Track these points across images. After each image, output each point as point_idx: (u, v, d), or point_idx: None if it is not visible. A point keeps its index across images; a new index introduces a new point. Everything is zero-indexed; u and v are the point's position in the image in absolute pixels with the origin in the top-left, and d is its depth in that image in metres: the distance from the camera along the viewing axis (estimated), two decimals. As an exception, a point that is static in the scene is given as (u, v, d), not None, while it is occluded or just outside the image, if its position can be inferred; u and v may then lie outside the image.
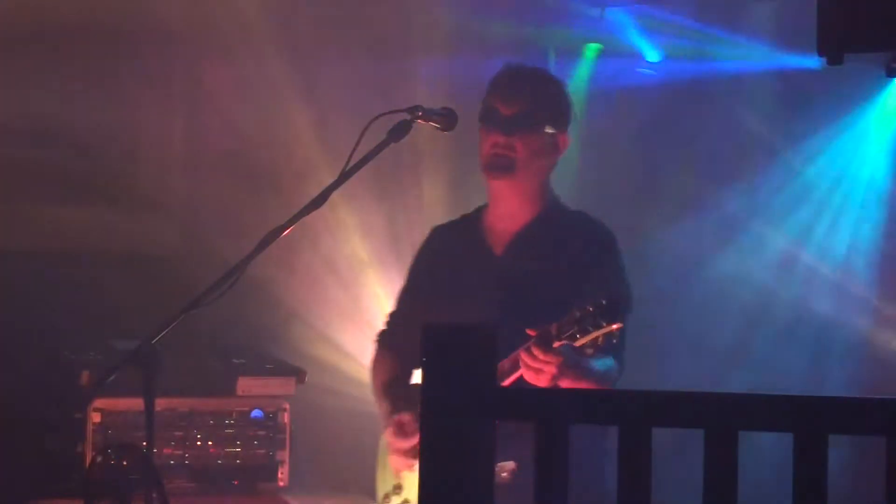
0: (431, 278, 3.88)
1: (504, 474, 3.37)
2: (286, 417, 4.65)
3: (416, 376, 3.92)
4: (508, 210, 3.76)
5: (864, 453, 4.90)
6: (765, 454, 3.36)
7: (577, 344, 3.33)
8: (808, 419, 1.92)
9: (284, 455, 4.63)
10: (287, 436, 4.64)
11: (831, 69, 2.57)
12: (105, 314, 5.13)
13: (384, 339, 4.02)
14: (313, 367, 4.90)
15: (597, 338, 3.31)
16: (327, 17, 5.49)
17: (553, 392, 3.04)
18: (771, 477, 3.43)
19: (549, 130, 3.71)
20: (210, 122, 5.61)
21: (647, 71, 5.94)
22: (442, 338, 2.08)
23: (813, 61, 5.66)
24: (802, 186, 5.96)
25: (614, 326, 3.29)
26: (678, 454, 3.57)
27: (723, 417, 1.97)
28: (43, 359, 4.83)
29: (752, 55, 5.86)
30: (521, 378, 3.43)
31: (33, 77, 5.36)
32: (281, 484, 4.63)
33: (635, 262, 5.64)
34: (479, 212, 3.88)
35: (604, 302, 3.29)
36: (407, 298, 3.97)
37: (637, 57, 5.91)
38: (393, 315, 4.02)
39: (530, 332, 3.38)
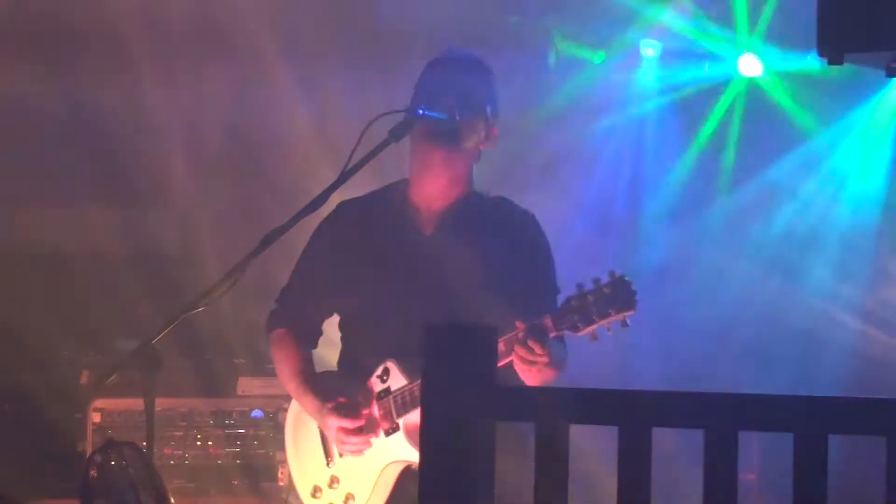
0: (341, 255, 3.71)
1: None
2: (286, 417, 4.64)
3: (319, 358, 3.84)
4: (436, 188, 3.64)
5: (863, 453, 4.91)
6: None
7: (580, 333, 3.26)
8: (808, 419, 1.92)
9: (284, 455, 4.62)
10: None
11: (831, 69, 2.57)
12: (105, 314, 5.14)
13: (279, 320, 3.81)
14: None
15: (604, 326, 3.24)
16: (327, 18, 5.49)
17: (553, 392, 3.02)
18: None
19: (488, 113, 3.63)
20: (210, 122, 5.62)
21: (648, 71, 5.95)
22: (442, 338, 2.08)
23: (813, 61, 5.66)
24: (802, 187, 5.96)
25: (625, 314, 3.23)
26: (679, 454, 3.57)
27: (723, 417, 1.97)
28: (43, 359, 4.83)
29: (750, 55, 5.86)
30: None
31: (33, 77, 5.37)
32: (281, 484, 4.63)
33: (636, 257, 5.71)
34: (397, 190, 3.74)
35: (606, 290, 3.22)
36: (308, 274, 3.77)
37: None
38: (288, 292, 3.82)
39: (519, 324, 3.29)
